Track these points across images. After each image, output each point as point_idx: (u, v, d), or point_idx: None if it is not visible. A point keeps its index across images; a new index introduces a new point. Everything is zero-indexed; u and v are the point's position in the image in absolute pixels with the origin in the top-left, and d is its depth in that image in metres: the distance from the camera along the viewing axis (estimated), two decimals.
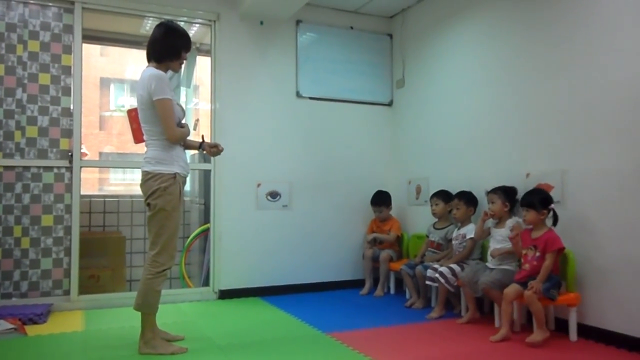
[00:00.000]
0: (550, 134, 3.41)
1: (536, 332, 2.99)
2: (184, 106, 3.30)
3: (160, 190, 2.84)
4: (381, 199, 4.74)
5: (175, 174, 2.90)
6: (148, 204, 2.90)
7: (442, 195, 4.15)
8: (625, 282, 2.91)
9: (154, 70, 2.88)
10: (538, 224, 3.18)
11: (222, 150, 3.21)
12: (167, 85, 2.85)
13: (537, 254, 3.11)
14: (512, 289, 3.10)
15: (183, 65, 3.22)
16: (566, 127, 3.29)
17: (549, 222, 3.18)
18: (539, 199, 3.16)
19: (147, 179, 2.88)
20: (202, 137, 3.24)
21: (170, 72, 3.03)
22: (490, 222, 3.59)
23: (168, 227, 2.88)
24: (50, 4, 4.00)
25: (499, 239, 3.46)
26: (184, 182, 3.01)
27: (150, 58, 2.98)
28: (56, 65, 4.01)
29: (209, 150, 3.21)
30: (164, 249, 2.88)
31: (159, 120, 2.86)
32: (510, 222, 3.45)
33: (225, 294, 4.37)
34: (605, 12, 3.07)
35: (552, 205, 3.17)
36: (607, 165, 3.03)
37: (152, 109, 2.85)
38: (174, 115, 2.87)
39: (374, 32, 5.12)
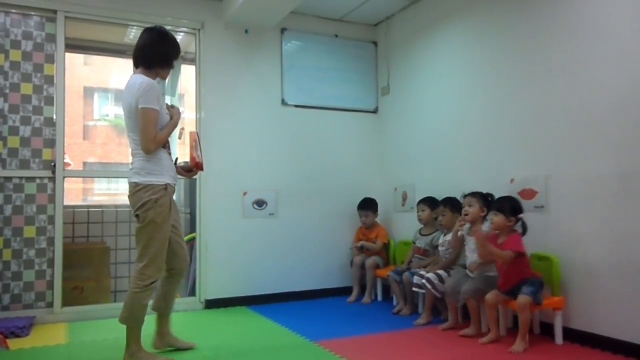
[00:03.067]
0: (534, 140, 3.45)
1: (519, 342, 2.98)
2: None
3: (151, 202, 2.76)
4: (369, 203, 4.77)
5: (166, 184, 2.83)
6: (137, 216, 2.81)
7: (429, 202, 4.16)
8: (610, 286, 2.95)
9: (144, 78, 2.80)
10: (504, 230, 3.20)
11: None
12: (156, 95, 2.77)
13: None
14: (493, 295, 3.13)
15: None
16: (550, 133, 3.34)
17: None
18: (510, 206, 3.19)
19: (137, 190, 2.79)
20: (176, 159, 3.12)
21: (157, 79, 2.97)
22: (465, 228, 3.58)
23: (157, 239, 2.80)
24: (33, 13, 3.97)
25: (473, 248, 3.44)
26: (173, 192, 2.94)
27: (138, 64, 2.90)
28: (38, 74, 3.97)
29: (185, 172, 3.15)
30: (151, 261, 2.79)
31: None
32: (484, 228, 3.43)
33: (212, 304, 4.33)
34: (591, 21, 3.12)
35: (522, 215, 3.20)
36: (590, 170, 3.07)
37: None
38: (155, 127, 2.78)
39: (359, 39, 5.15)
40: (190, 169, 3.12)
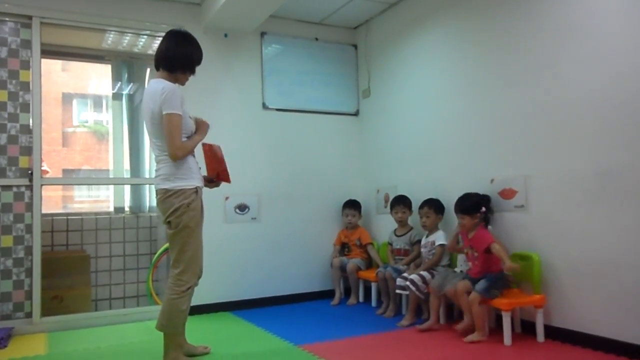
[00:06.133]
0: (513, 140, 3.49)
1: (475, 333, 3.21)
2: None
3: (183, 207, 2.75)
4: (356, 203, 4.81)
5: (196, 187, 2.82)
6: (169, 222, 2.79)
7: (407, 203, 4.23)
8: (589, 283, 2.99)
9: (166, 83, 2.75)
10: (473, 228, 3.39)
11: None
12: (179, 100, 2.73)
13: (475, 253, 3.33)
14: (463, 284, 3.29)
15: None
16: (529, 134, 3.38)
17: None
18: (471, 204, 3.40)
19: (167, 196, 2.76)
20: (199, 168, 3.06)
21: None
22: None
23: (192, 244, 2.80)
24: (7, 19, 3.90)
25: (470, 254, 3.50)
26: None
27: (159, 67, 2.85)
28: (14, 81, 3.89)
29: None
30: (188, 267, 2.80)
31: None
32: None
33: (195, 310, 4.27)
34: (567, 23, 3.16)
35: (483, 209, 3.40)
36: (568, 169, 3.11)
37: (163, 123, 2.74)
38: (180, 132, 2.74)
39: (339, 43, 5.17)
40: (212, 180, 3.14)
